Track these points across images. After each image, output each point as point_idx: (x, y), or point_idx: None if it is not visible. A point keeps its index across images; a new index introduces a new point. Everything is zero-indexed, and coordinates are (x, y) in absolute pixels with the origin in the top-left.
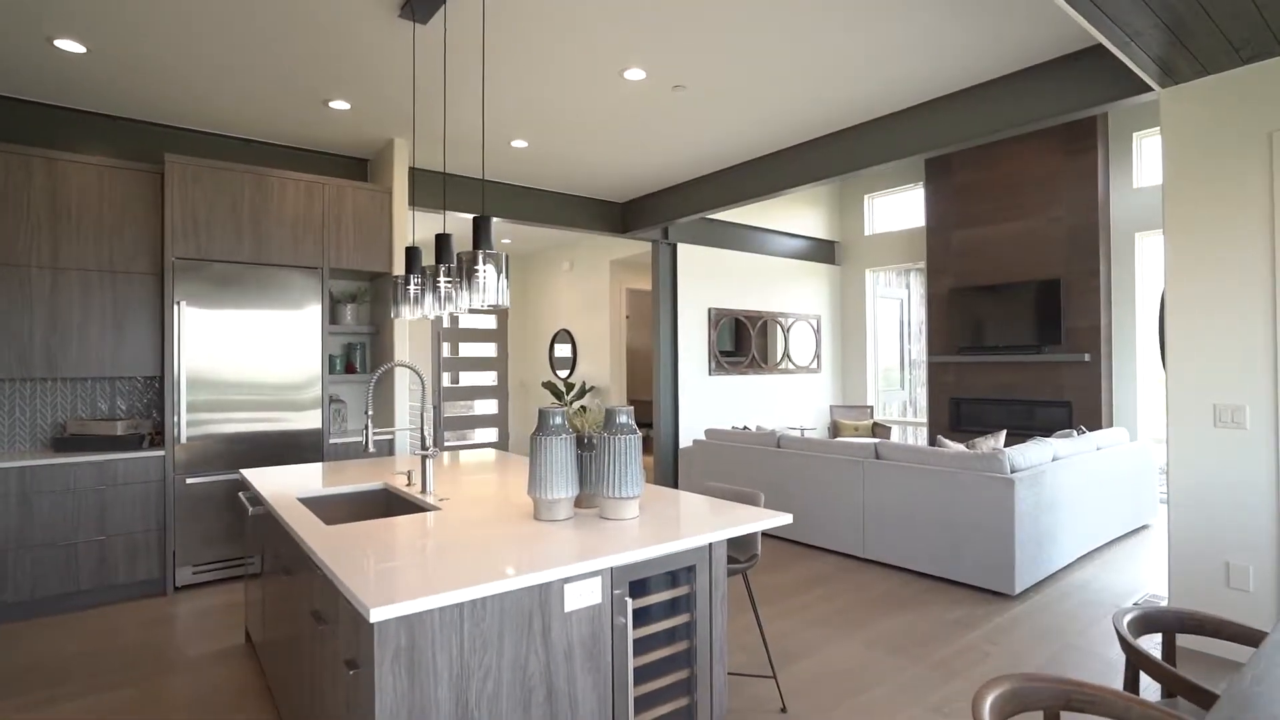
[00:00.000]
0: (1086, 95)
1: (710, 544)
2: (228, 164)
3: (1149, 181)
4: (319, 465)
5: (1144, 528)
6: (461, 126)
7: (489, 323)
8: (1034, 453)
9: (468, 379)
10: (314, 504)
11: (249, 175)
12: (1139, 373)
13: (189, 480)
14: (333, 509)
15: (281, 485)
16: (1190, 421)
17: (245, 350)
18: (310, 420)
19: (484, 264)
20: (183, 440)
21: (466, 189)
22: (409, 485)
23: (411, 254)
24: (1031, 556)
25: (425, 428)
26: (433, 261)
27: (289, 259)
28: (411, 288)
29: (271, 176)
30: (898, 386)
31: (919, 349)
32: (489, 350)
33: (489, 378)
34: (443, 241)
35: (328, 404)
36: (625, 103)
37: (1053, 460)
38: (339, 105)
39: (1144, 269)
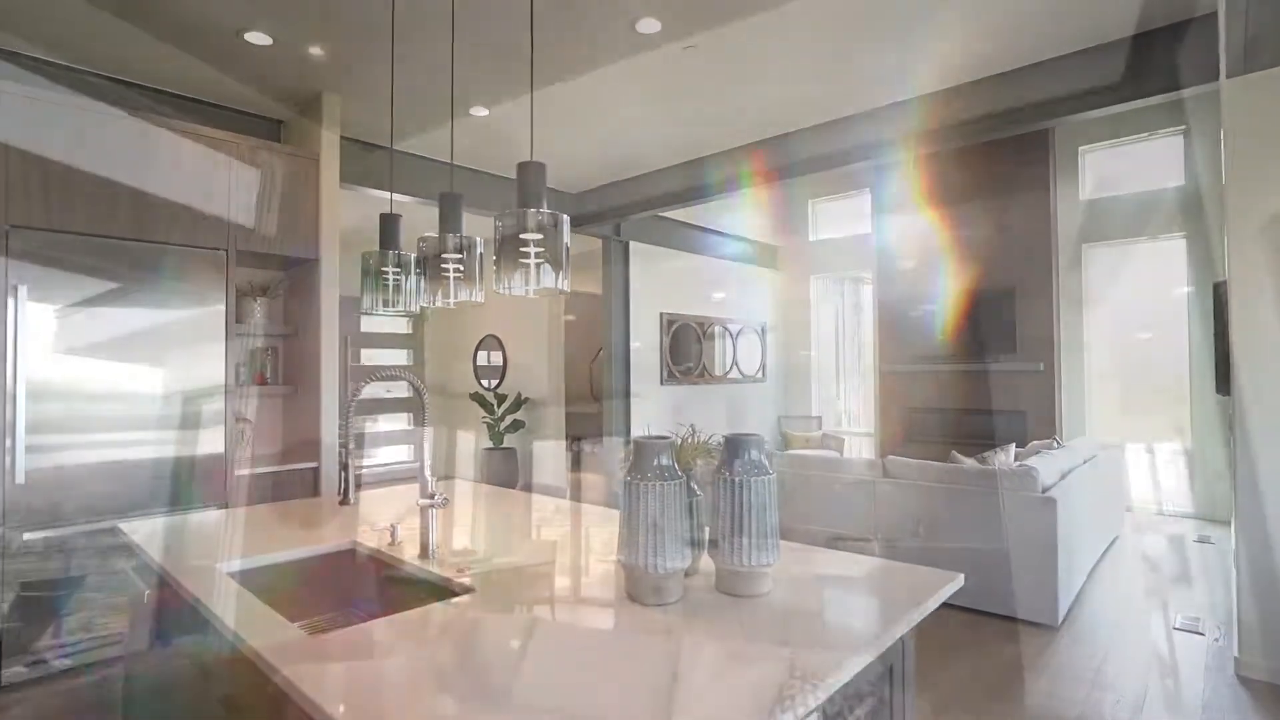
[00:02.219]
0: (1127, 88)
1: (903, 635)
2: (98, 103)
3: (1094, 195)
4: (223, 513)
5: (1115, 539)
6: (414, 85)
7: (400, 326)
8: (1048, 467)
9: (372, 390)
10: (255, 580)
11: (128, 122)
12: (1087, 382)
13: (27, 535)
14: (287, 589)
15: (189, 547)
16: (1266, 436)
17: (119, 353)
18: (208, 444)
19: (534, 233)
20: (19, 479)
21: (409, 169)
22: (393, 545)
23: (388, 222)
24: (1066, 582)
25: (426, 467)
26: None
27: (183, 237)
28: (390, 271)
29: (162, 126)
30: (834, 397)
31: (853, 357)
32: (400, 358)
33: (399, 388)
34: (449, 204)
35: (232, 424)
36: (628, 62)
37: (1061, 476)
38: (257, 38)
39: (1091, 279)
